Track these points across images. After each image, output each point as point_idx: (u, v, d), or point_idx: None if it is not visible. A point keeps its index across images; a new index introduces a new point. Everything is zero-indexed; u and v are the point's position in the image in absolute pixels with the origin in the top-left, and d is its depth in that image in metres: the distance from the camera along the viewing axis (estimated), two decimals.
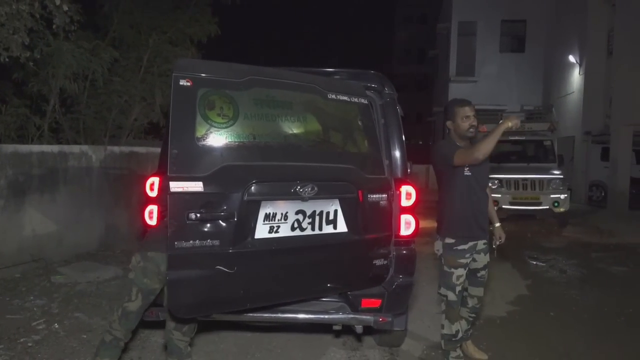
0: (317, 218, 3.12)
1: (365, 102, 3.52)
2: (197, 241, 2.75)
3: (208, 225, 2.79)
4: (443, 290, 3.87)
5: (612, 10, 16.14)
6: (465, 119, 3.77)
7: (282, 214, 3.00)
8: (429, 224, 11.81)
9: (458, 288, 3.82)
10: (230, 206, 2.83)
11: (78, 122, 8.51)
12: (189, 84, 2.83)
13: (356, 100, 3.47)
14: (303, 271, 3.15)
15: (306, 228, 3.08)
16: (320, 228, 3.14)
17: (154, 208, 3.63)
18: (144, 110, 9.27)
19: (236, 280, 2.86)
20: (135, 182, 7.64)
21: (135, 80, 8.89)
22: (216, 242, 2.79)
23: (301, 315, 3.42)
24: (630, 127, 14.28)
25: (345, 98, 3.42)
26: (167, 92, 8.93)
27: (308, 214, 3.08)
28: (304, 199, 3.03)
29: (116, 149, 7.93)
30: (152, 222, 3.64)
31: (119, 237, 7.64)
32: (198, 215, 2.74)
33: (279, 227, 2.99)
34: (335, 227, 3.19)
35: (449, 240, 3.81)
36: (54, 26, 6.40)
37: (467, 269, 3.84)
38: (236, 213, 2.83)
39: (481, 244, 3.88)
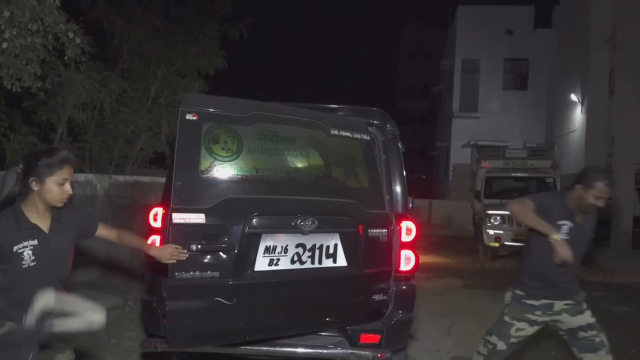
0: (317, 252, 3.14)
1: (368, 138, 3.59)
2: (197, 272, 2.78)
3: (209, 256, 2.83)
4: (494, 339, 3.64)
5: (613, 51, 16.40)
6: (597, 198, 3.34)
7: (282, 246, 3.02)
8: (430, 259, 11.83)
9: (512, 340, 3.62)
10: (231, 238, 2.87)
11: (84, 150, 8.63)
12: (195, 118, 2.91)
13: (358, 136, 3.54)
14: (302, 305, 3.17)
15: (306, 261, 3.11)
16: (320, 262, 3.16)
17: (156, 238, 3.64)
18: (150, 140, 9.40)
19: (235, 312, 2.88)
20: (139, 211, 7.66)
21: (142, 111, 9.05)
22: (216, 274, 2.82)
23: (300, 350, 3.39)
24: (632, 166, 14.32)
25: (347, 134, 3.50)
26: (173, 122, 9.06)
27: (308, 247, 3.11)
28: (304, 233, 3.05)
29: (121, 178, 8.01)
30: None
31: (121, 266, 7.63)
32: (199, 246, 2.79)
33: (279, 260, 3.02)
34: (335, 261, 3.21)
35: (519, 292, 3.60)
36: (65, 57, 6.57)
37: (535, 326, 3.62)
38: (237, 245, 2.87)
39: (561, 304, 3.60)
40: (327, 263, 3.18)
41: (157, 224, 3.62)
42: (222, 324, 2.89)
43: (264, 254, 2.97)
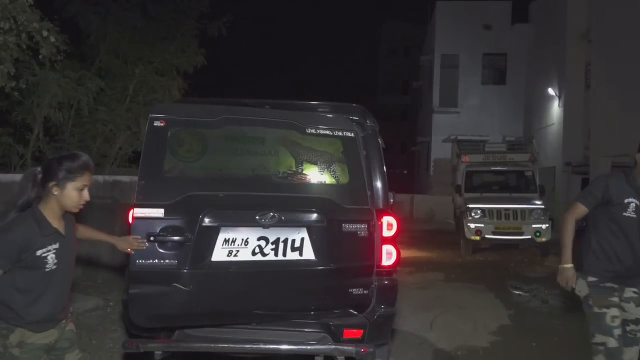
0: (281, 245, 3.29)
1: (351, 135, 3.61)
2: (155, 260, 3.10)
3: (167, 247, 3.12)
4: (599, 338, 3.38)
5: (589, 45, 16.66)
6: None
7: (242, 239, 3.24)
8: (412, 253, 11.91)
9: (616, 332, 3.34)
10: (188, 231, 3.13)
11: (62, 150, 8.49)
12: (162, 124, 3.26)
13: (340, 134, 3.57)
14: (265, 294, 3.30)
15: (268, 254, 3.27)
16: (285, 254, 3.29)
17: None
18: (129, 139, 9.30)
19: (193, 297, 3.12)
20: (119, 211, 7.59)
21: (120, 110, 8.95)
22: (174, 262, 3.11)
23: (283, 347, 3.39)
24: (608, 159, 14.56)
25: (327, 132, 3.55)
26: None
27: (271, 240, 3.28)
28: (265, 226, 3.22)
29: (100, 177, 7.90)
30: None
31: (101, 267, 7.55)
32: (158, 237, 3.09)
33: (238, 251, 3.23)
34: (301, 254, 3.32)
35: (592, 279, 3.46)
36: (40, 56, 6.46)
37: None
38: (194, 237, 3.12)
39: (630, 292, 3.45)
40: (293, 256, 3.30)
41: None
42: (181, 307, 3.13)
43: (222, 245, 3.20)
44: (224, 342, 3.31)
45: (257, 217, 3.20)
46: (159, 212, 3.11)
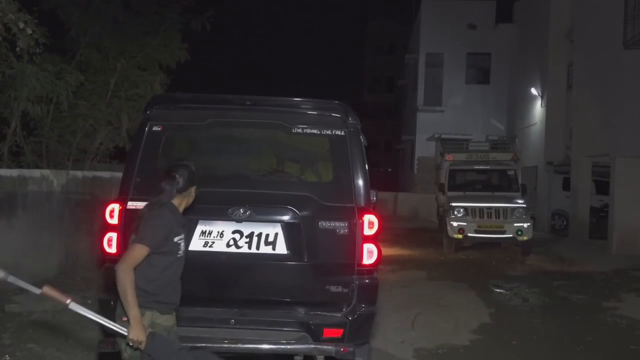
0: (255, 238, 3.50)
1: (341, 133, 3.66)
2: None
3: None
4: None
5: (571, 46, 16.83)
6: None
7: (218, 232, 3.50)
8: (395, 251, 11.93)
9: None
10: None
11: (40, 145, 8.34)
12: (159, 129, 3.63)
13: (328, 132, 3.65)
14: (239, 283, 3.49)
15: (242, 246, 3.49)
16: (258, 248, 3.49)
17: (113, 235, 3.56)
18: (110, 134, 9.16)
19: None
20: (98, 207, 7.45)
21: (101, 104, 8.80)
22: None
23: (264, 346, 3.38)
24: (589, 158, 14.74)
25: (314, 131, 3.66)
26: (134, 116, 8.84)
27: (246, 234, 3.50)
28: (238, 221, 3.46)
29: (79, 173, 7.78)
30: (112, 249, 3.56)
31: (80, 264, 7.43)
32: None
33: (214, 242, 3.50)
34: (274, 249, 3.48)
35: None
36: (17, 49, 6.31)
37: None
38: None
39: None
40: (265, 250, 3.48)
41: (114, 221, 3.53)
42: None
43: (199, 236, 3.49)
44: (203, 341, 3.27)
45: (229, 212, 3.43)
46: None
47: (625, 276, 9.61)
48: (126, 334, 2.61)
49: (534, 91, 19.07)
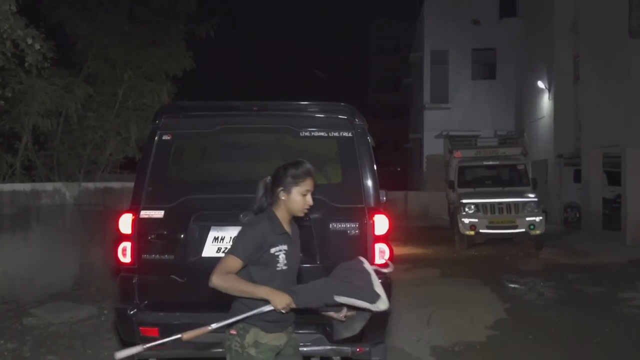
0: None
1: (349, 135, 3.70)
2: (157, 255, 3.55)
3: (166, 243, 3.54)
4: None
5: (576, 37, 16.72)
6: None
7: (231, 237, 3.48)
8: (408, 250, 11.90)
9: None
10: (183, 230, 3.53)
11: (52, 158, 8.44)
12: (169, 137, 3.70)
13: (336, 134, 3.70)
14: None
15: None
16: None
17: (127, 245, 3.60)
18: (120, 145, 9.24)
19: (187, 288, 3.50)
20: (111, 218, 7.53)
21: (110, 116, 8.89)
22: (171, 257, 3.55)
23: None
24: (599, 150, 14.63)
25: (322, 134, 3.72)
26: (142, 126, 8.92)
27: None
28: None
29: (91, 185, 7.85)
30: (126, 259, 3.60)
31: (94, 275, 7.49)
32: (159, 235, 3.52)
33: (226, 248, 3.42)
34: None
35: None
36: (26, 64, 6.39)
37: None
38: (188, 235, 3.53)
39: None
40: None
41: (127, 230, 3.57)
42: (177, 296, 3.54)
43: (212, 242, 3.57)
44: (219, 347, 3.28)
45: (240, 217, 3.33)
46: (159, 214, 3.55)
47: None
48: (268, 306, 2.43)
49: (540, 84, 18.96)
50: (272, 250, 2.55)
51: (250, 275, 2.54)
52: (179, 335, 2.41)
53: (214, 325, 2.44)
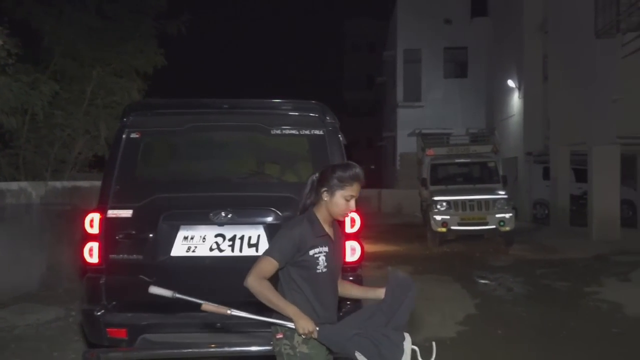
0: (237, 241, 3.50)
1: (320, 132, 3.68)
2: (125, 255, 3.47)
3: (134, 242, 3.46)
4: None
5: (545, 37, 17.05)
6: None
7: (200, 236, 3.50)
8: (381, 247, 11.98)
9: None
10: (152, 229, 3.45)
11: (17, 157, 8.22)
12: (137, 136, 3.63)
13: (307, 132, 3.67)
14: (221, 287, 3.40)
15: (225, 250, 3.49)
16: (241, 250, 3.49)
17: (94, 245, 3.53)
18: (89, 143, 9.06)
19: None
20: (79, 217, 7.37)
21: (78, 113, 8.69)
22: (140, 257, 3.47)
23: (252, 348, 3.39)
24: (567, 147, 14.97)
25: (293, 132, 3.68)
26: (112, 124, 8.75)
27: (228, 237, 3.50)
28: (220, 224, 3.46)
29: (58, 184, 7.68)
30: (93, 259, 3.54)
31: (62, 276, 7.34)
32: (127, 234, 3.45)
33: (196, 247, 3.49)
34: (257, 251, 3.44)
35: None
36: None
37: None
38: (156, 235, 3.46)
39: None
40: (249, 252, 3.46)
41: (94, 230, 3.51)
42: (146, 296, 3.21)
43: (182, 242, 3.49)
44: (187, 347, 3.28)
45: (210, 216, 3.41)
46: (127, 213, 3.47)
47: (606, 261, 9.79)
48: (292, 323, 2.36)
49: (511, 83, 19.29)
50: (312, 253, 2.46)
51: (290, 276, 2.48)
52: (200, 302, 2.44)
53: (232, 311, 2.43)
